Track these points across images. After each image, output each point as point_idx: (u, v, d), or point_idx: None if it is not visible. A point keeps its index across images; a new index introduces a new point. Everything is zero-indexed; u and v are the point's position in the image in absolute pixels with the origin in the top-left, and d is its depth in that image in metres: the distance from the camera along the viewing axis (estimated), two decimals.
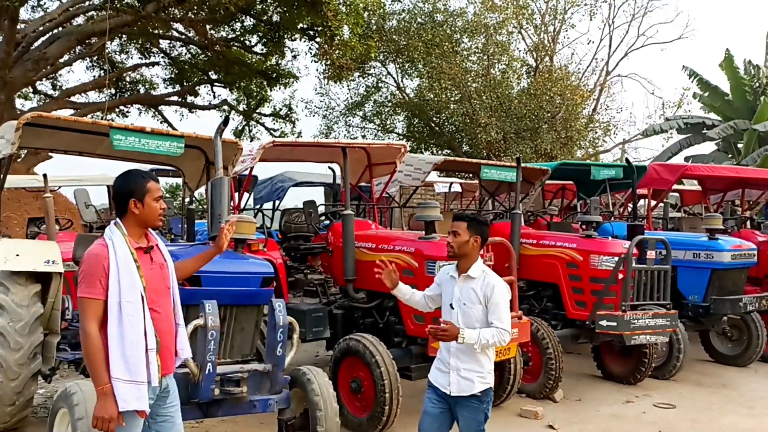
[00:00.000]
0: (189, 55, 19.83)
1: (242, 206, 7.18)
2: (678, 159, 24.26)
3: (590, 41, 38.85)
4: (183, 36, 18.19)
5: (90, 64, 19.05)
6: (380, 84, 23.80)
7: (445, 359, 3.73)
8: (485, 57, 20.89)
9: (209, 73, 19.52)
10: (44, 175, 7.49)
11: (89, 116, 15.65)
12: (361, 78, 23.25)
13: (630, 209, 9.16)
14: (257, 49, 18.16)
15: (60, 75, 19.35)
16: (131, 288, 3.00)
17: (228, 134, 8.64)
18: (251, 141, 20.77)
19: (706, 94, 24.53)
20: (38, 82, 18.05)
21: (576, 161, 17.27)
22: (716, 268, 8.06)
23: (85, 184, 9.27)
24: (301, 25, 15.51)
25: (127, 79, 20.05)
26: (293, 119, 21.95)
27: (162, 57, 19.57)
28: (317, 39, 15.45)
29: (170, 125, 20.49)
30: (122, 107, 19.54)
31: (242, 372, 4.35)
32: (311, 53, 16.84)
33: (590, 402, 7.04)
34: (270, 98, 21.36)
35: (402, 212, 11.29)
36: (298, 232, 7.97)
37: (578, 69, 23.47)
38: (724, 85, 24.29)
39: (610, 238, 7.58)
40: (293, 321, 4.61)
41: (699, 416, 6.68)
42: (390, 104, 23.89)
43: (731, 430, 6.34)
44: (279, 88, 19.56)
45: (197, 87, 20.27)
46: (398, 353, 5.88)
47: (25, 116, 4.94)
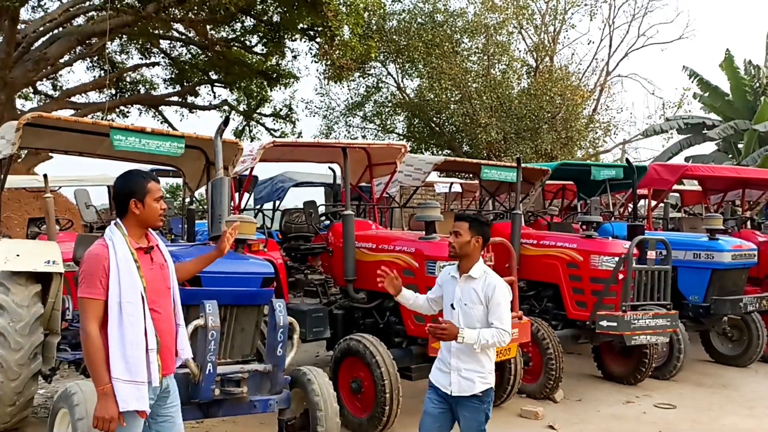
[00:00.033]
0: (189, 56, 19.83)
1: (242, 206, 7.18)
2: (678, 159, 24.26)
3: (590, 41, 38.69)
4: (183, 36, 18.19)
5: (90, 65, 19.07)
6: (380, 84, 23.83)
7: (446, 359, 3.73)
8: (485, 57, 20.89)
9: (209, 74, 19.52)
10: (45, 176, 7.49)
11: (89, 116, 15.65)
12: (362, 78, 23.26)
13: (630, 209, 9.16)
14: (257, 50, 18.16)
15: (60, 75, 19.38)
16: (131, 288, 3.00)
17: (228, 134, 8.64)
18: (251, 141, 20.78)
19: (707, 95, 24.52)
20: (39, 83, 18.05)
21: (576, 161, 17.25)
22: (716, 269, 8.05)
23: (86, 185, 9.27)
24: (302, 26, 15.50)
25: (128, 80, 20.06)
26: (293, 119, 21.97)
27: (162, 57, 19.58)
28: (317, 39, 15.45)
29: (170, 125, 20.49)
30: (122, 107, 19.54)
31: (242, 372, 4.35)
32: (311, 53, 16.87)
33: (590, 402, 7.04)
34: (270, 98, 21.37)
35: (402, 212, 11.29)
36: (299, 233, 7.97)
37: (578, 69, 23.51)
38: (725, 86, 24.31)
39: (611, 239, 7.58)
40: (293, 321, 4.61)
41: (699, 416, 6.68)
42: (390, 104, 23.89)
43: (732, 431, 6.34)
44: (279, 89, 19.59)
45: (197, 87, 20.27)
46: (398, 353, 5.89)
47: (26, 116, 4.95)
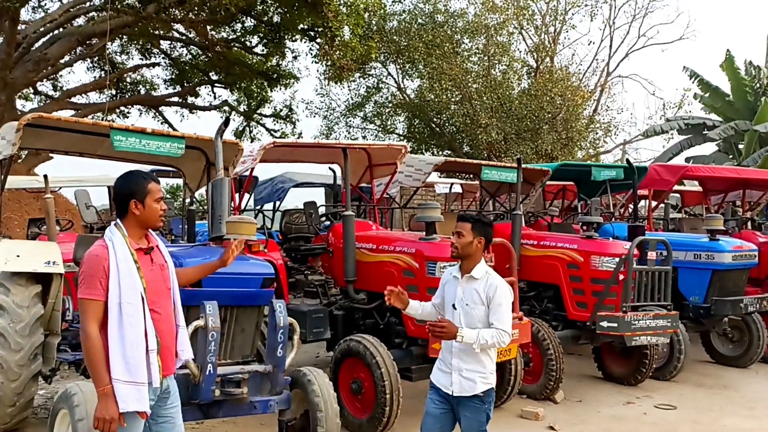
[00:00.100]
0: (189, 56, 19.84)
1: (243, 207, 7.17)
2: (679, 160, 24.23)
3: (591, 42, 38.50)
4: (184, 37, 18.21)
5: (91, 65, 19.08)
6: (381, 85, 23.83)
7: (447, 360, 3.73)
8: (486, 58, 20.88)
9: (210, 74, 19.54)
10: (45, 176, 7.50)
11: (90, 117, 15.64)
12: (362, 79, 23.26)
13: (631, 210, 9.15)
14: (258, 50, 18.19)
15: (61, 76, 19.41)
16: (131, 289, 3.00)
17: (228, 135, 8.63)
18: (252, 142, 20.77)
19: (707, 95, 24.50)
20: (39, 83, 18.06)
21: (577, 162, 17.27)
22: (717, 269, 8.04)
23: (86, 185, 9.27)
24: (302, 26, 15.51)
25: (128, 80, 20.08)
26: (294, 120, 21.99)
27: (163, 58, 19.60)
28: (318, 40, 15.46)
29: (171, 126, 20.52)
30: (123, 108, 19.56)
31: (243, 373, 4.35)
32: (312, 54, 16.89)
33: (591, 403, 7.03)
34: (270, 99, 21.41)
35: (402, 213, 11.30)
36: (299, 233, 7.96)
37: (579, 70, 23.50)
38: (725, 86, 24.28)
39: (611, 239, 7.58)
40: (294, 322, 4.61)
41: (700, 417, 6.68)
42: (390, 105, 23.89)
43: (732, 431, 6.34)
44: (279, 89, 19.63)
45: (198, 88, 20.30)
46: (399, 354, 5.88)
47: (26, 117, 4.95)
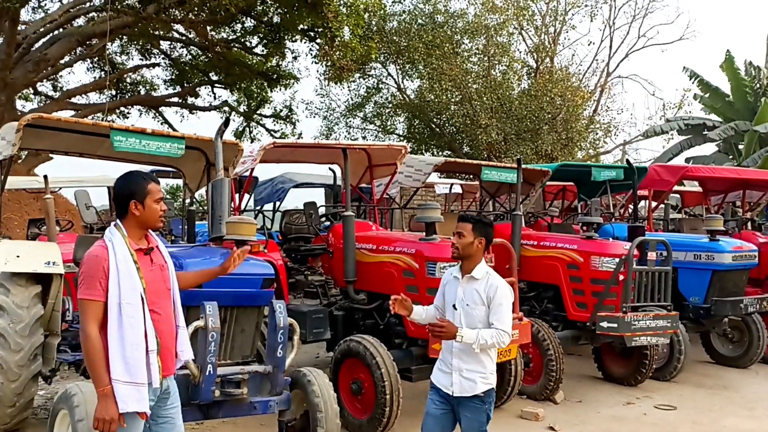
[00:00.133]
0: (189, 57, 19.84)
1: (243, 207, 7.17)
2: (678, 160, 24.22)
3: (591, 42, 38.62)
4: (183, 37, 18.20)
5: (91, 66, 19.08)
6: (381, 85, 23.82)
7: (448, 360, 3.74)
8: (486, 58, 20.88)
9: (210, 75, 19.53)
10: (45, 177, 7.50)
11: (90, 117, 15.64)
12: (362, 79, 23.25)
13: (631, 210, 9.16)
14: (258, 51, 18.18)
15: (61, 76, 19.41)
16: (131, 289, 3.00)
17: (228, 135, 8.63)
18: (252, 142, 20.78)
19: (707, 96, 24.50)
20: (39, 84, 18.05)
21: (577, 162, 17.27)
22: (717, 270, 8.04)
23: (86, 186, 9.27)
24: (302, 27, 15.51)
25: (128, 81, 20.08)
26: (294, 120, 21.99)
27: (162, 58, 19.59)
28: (318, 40, 15.46)
29: (171, 126, 20.52)
30: (123, 108, 19.57)
31: (243, 373, 4.35)
32: (312, 54, 16.88)
33: (591, 403, 7.03)
34: (270, 99, 21.40)
35: (402, 213, 11.30)
36: (299, 234, 7.96)
37: (579, 70, 23.50)
38: (725, 87, 24.28)
39: (611, 240, 7.57)
40: (294, 322, 4.61)
41: (700, 418, 6.68)
42: (390, 105, 23.88)
43: None
44: (279, 90, 19.61)
45: (198, 88, 20.29)
46: (399, 355, 5.88)
47: (26, 117, 4.95)
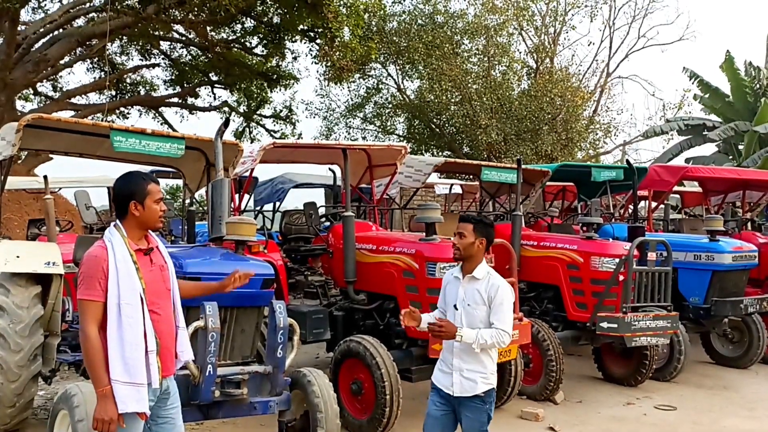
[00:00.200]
0: (189, 57, 19.83)
1: (243, 208, 7.17)
2: (678, 160, 24.21)
3: (591, 43, 38.88)
4: (183, 37, 18.20)
5: (90, 66, 19.08)
6: (381, 85, 23.82)
7: (448, 360, 3.74)
8: (486, 58, 20.88)
9: (210, 75, 19.53)
10: (45, 177, 7.50)
11: (90, 118, 15.65)
12: (362, 79, 23.26)
13: (631, 211, 9.15)
14: (258, 51, 18.18)
15: (60, 76, 19.40)
16: (130, 290, 2.99)
17: (228, 136, 8.62)
18: (252, 142, 20.78)
19: (707, 96, 24.50)
20: (39, 84, 18.04)
21: (576, 163, 17.25)
22: (717, 270, 8.03)
23: (86, 186, 9.27)
24: (302, 27, 15.50)
25: (128, 81, 20.08)
26: (294, 121, 21.98)
27: (162, 58, 19.59)
28: (318, 40, 15.45)
29: (171, 127, 20.50)
30: (123, 109, 19.57)
31: (243, 374, 4.35)
32: (312, 55, 16.87)
33: (591, 404, 7.03)
34: (270, 100, 21.39)
35: (402, 214, 11.30)
36: (299, 234, 7.96)
37: (579, 70, 23.50)
38: (725, 87, 24.28)
39: (611, 240, 7.57)
40: (294, 323, 4.61)
41: (700, 418, 6.68)
42: (390, 106, 23.88)
43: None
44: (279, 90, 19.61)
45: (198, 88, 20.29)
46: (399, 355, 5.87)
47: (26, 118, 4.95)
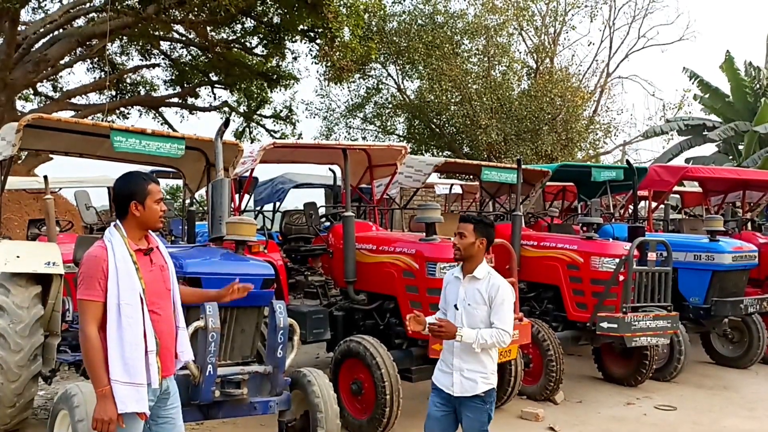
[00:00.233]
0: (189, 57, 19.84)
1: (243, 208, 7.17)
2: (678, 161, 24.21)
3: (591, 43, 38.98)
4: (183, 38, 18.20)
5: (91, 66, 19.08)
6: (381, 86, 23.82)
7: (449, 360, 3.74)
8: (486, 59, 20.88)
9: (210, 75, 19.53)
10: (45, 177, 7.50)
11: (90, 118, 15.64)
12: (362, 80, 23.26)
13: (631, 211, 9.15)
14: (258, 51, 18.18)
15: (61, 76, 19.40)
16: (130, 290, 2.99)
17: (228, 136, 8.63)
18: (252, 142, 20.78)
19: (707, 96, 24.50)
20: (39, 84, 18.04)
21: (576, 163, 17.25)
22: (717, 270, 8.03)
23: (86, 186, 9.28)
24: (302, 27, 15.51)
25: (128, 81, 20.09)
26: (294, 121, 21.99)
27: (162, 59, 19.60)
28: (318, 41, 15.46)
29: (171, 127, 20.51)
30: (123, 109, 19.57)
31: (243, 374, 4.35)
32: (312, 55, 16.88)
33: (591, 404, 7.03)
34: (270, 100, 21.39)
35: (402, 214, 11.30)
36: (299, 234, 7.96)
37: (579, 71, 23.47)
38: (725, 87, 24.27)
39: (611, 240, 7.57)
40: (294, 323, 4.61)
41: (700, 418, 6.68)
42: (390, 106, 23.88)
43: None
44: (279, 90, 19.62)
45: (198, 89, 20.29)
46: (399, 355, 5.87)
47: (26, 118, 4.95)
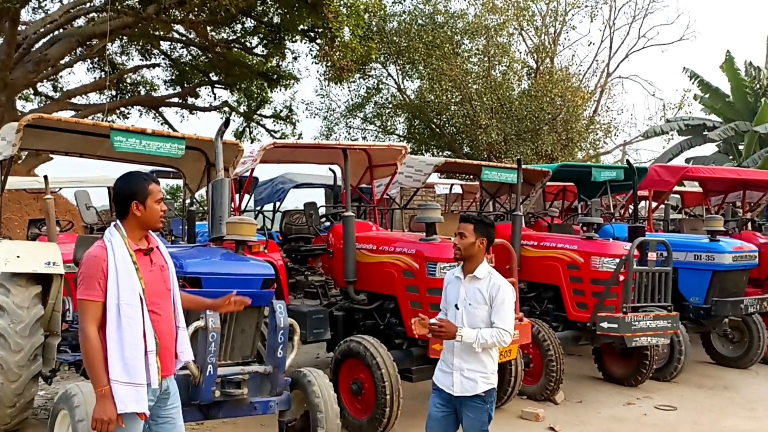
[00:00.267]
0: (190, 57, 19.83)
1: (243, 208, 7.17)
2: (679, 160, 24.20)
3: (591, 43, 38.83)
4: (184, 37, 18.20)
5: (91, 66, 19.08)
6: (381, 85, 23.81)
7: (449, 360, 3.74)
8: (486, 58, 20.87)
9: (210, 75, 19.53)
10: (45, 177, 7.50)
11: (90, 118, 15.64)
12: (362, 79, 23.25)
13: (631, 211, 9.15)
14: (258, 51, 18.18)
15: (61, 76, 19.40)
16: (130, 290, 2.99)
17: (228, 136, 8.63)
18: (252, 142, 20.79)
19: (707, 96, 24.50)
20: (39, 84, 18.03)
21: (577, 163, 17.25)
22: (717, 270, 8.03)
23: (86, 186, 9.27)
24: (302, 27, 15.51)
25: (128, 81, 20.08)
26: (294, 121, 21.98)
27: (163, 58, 19.59)
28: (318, 40, 15.46)
29: (171, 127, 20.50)
30: (123, 109, 19.56)
31: (243, 374, 4.36)
32: (312, 55, 16.87)
33: (591, 404, 7.03)
34: (271, 100, 21.39)
35: (403, 214, 11.30)
36: (299, 234, 7.96)
37: (579, 70, 23.48)
38: (725, 87, 24.27)
39: (611, 240, 7.57)
40: (294, 323, 4.61)
41: (700, 418, 6.68)
42: (391, 106, 23.88)
43: None
44: (279, 90, 19.61)
45: (198, 88, 20.29)
46: (399, 355, 5.88)
47: (26, 118, 4.95)
